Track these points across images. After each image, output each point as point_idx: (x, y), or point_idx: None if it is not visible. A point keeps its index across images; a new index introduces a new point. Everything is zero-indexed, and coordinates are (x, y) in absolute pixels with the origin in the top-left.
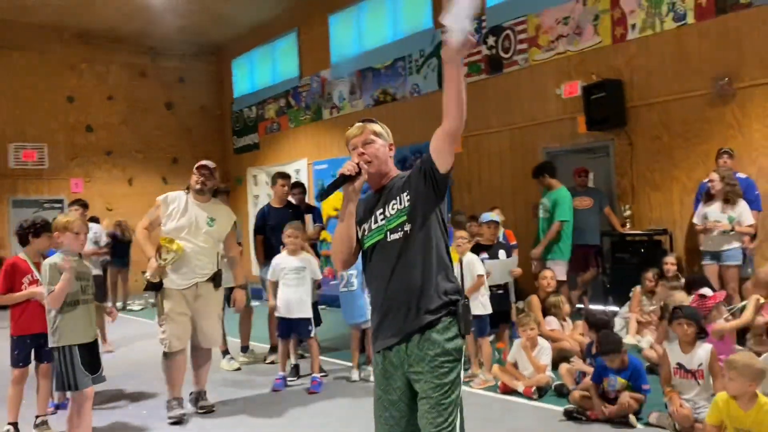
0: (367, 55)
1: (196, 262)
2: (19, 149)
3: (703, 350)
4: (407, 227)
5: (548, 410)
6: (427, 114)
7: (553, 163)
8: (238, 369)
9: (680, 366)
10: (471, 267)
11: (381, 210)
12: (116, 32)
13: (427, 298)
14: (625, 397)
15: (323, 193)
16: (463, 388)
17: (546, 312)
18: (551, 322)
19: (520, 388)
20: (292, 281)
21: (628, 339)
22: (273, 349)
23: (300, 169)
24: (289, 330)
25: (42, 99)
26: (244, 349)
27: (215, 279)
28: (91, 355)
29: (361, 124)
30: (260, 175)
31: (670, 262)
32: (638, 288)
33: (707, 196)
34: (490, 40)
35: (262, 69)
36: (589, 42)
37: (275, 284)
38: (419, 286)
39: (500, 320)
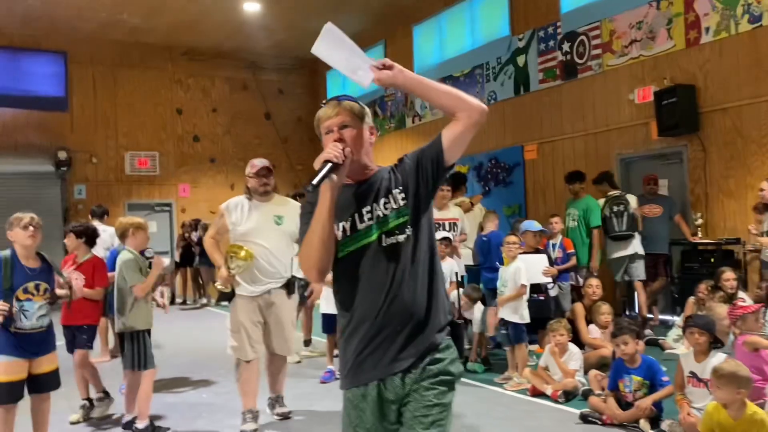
0: (447, 63)
1: (268, 267)
2: (134, 157)
3: (716, 360)
4: (409, 231)
5: (568, 413)
6: (502, 121)
7: (583, 173)
8: (299, 362)
9: (693, 375)
10: (516, 275)
11: (368, 208)
12: (219, 49)
13: (436, 316)
14: (645, 402)
15: (314, 187)
16: (496, 389)
17: (591, 320)
18: (593, 330)
19: (549, 391)
20: None
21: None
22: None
23: None
24: (333, 325)
25: (154, 112)
26: (306, 342)
27: (288, 287)
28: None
29: (335, 102)
30: None
31: (732, 278)
32: (692, 299)
33: (764, 207)
34: (565, 46)
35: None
36: (663, 46)
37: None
38: (427, 301)
39: (540, 326)
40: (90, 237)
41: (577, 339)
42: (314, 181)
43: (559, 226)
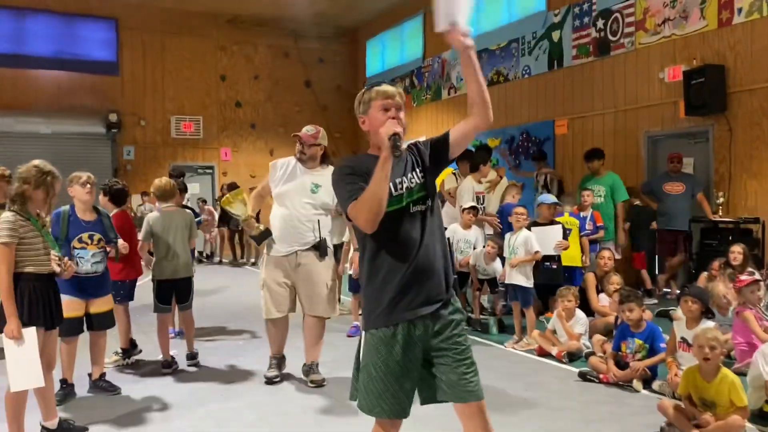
0: (484, 36)
1: (293, 231)
2: (180, 121)
3: (705, 327)
4: (429, 202)
5: (569, 371)
6: (535, 95)
7: (602, 150)
8: (328, 318)
9: (684, 340)
10: (528, 242)
11: (400, 179)
12: (263, 17)
13: (449, 273)
14: (638, 365)
15: (401, 153)
16: (505, 348)
17: (602, 289)
18: (603, 299)
19: (554, 352)
20: None
21: None
22: None
23: None
24: (359, 285)
25: (199, 78)
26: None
27: (319, 248)
28: None
29: (396, 87)
30: None
31: (736, 251)
32: (704, 275)
33: None
34: (600, 23)
35: (392, 50)
36: (695, 26)
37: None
38: (443, 260)
39: (551, 293)
40: (113, 195)
41: (588, 306)
42: (402, 147)
43: (591, 199)
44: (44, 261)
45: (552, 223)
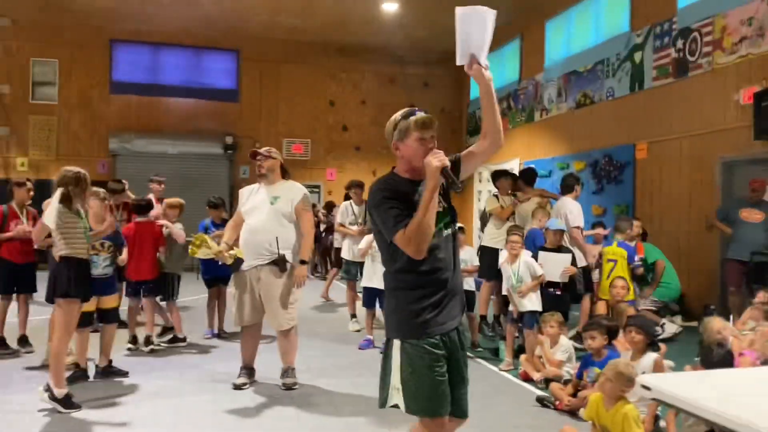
0: (573, 58)
1: (255, 244)
2: (290, 143)
3: (648, 359)
4: (454, 227)
5: (533, 395)
6: (616, 118)
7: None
8: (358, 331)
9: None
10: (531, 268)
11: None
12: (371, 46)
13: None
14: (584, 394)
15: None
16: (493, 368)
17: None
18: None
19: (536, 377)
20: (378, 257)
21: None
22: None
23: (513, 168)
24: (373, 299)
25: (309, 103)
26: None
27: (278, 264)
28: None
29: (432, 118)
30: (484, 173)
31: None
32: (749, 308)
33: None
34: (679, 43)
35: (492, 73)
36: None
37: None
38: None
39: None
40: (134, 207)
41: None
42: (461, 182)
43: (638, 229)
44: (83, 246)
45: (560, 249)
